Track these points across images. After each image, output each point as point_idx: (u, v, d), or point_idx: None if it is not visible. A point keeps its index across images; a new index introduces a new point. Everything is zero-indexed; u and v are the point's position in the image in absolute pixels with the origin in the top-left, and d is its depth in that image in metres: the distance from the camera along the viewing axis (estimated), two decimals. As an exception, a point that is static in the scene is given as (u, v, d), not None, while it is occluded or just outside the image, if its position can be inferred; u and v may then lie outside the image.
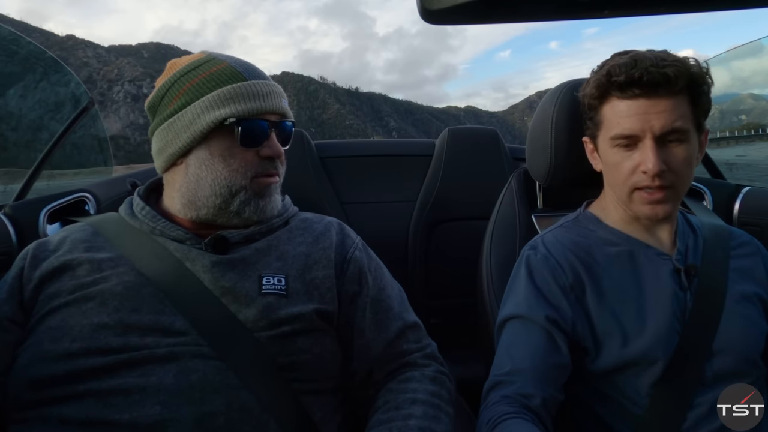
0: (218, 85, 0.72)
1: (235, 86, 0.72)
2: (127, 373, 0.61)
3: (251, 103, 0.72)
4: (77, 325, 0.63)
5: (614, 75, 0.72)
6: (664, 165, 0.70)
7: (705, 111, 0.73)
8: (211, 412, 0.60)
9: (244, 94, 0.72)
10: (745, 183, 1.28)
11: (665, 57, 0.70)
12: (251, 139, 0.73)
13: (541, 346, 0.72)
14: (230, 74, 0.73)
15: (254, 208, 0.75)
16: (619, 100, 0.73)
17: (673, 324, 0.72)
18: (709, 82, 0.73)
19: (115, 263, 0.69)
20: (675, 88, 0.69)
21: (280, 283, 0.71)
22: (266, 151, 0.74)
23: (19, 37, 1.45)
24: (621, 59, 0.72)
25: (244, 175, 0.73)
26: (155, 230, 0.73)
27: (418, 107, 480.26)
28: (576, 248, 0.80)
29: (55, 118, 1.51)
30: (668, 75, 0.68)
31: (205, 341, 0.64)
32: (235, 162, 0.72)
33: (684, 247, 0.79)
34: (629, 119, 0.71)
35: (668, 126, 0.70)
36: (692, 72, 0.70)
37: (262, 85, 0.74)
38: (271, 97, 0.74)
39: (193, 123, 0.71)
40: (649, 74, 0.69)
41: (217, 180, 0.72)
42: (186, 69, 0.75)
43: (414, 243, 1.65)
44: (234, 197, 0.73)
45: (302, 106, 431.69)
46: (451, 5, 0.34)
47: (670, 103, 0.70)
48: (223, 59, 0.76)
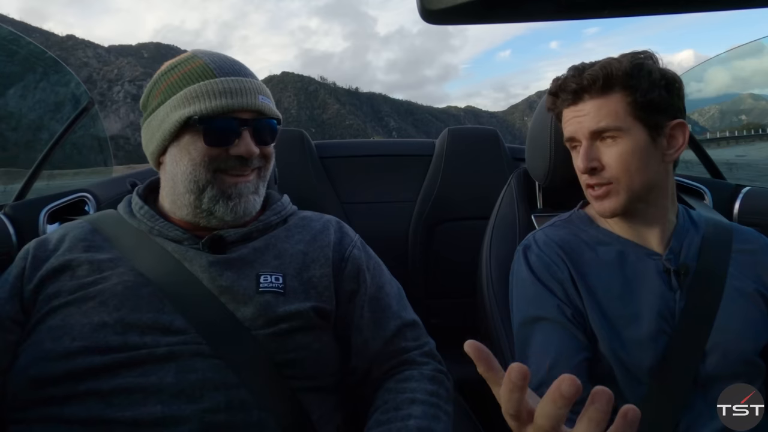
0: (188, 83, 0.71)
1: (202, 84, 0.70)
2: (128, 372, 0.61)
3: (217, 101, 0.69)
4: (77, 325, 0.63)
5: (550, 88, 0.81)
6: (595, 162, 0.75)
7: (642, 105, 0.73)
8: (212, 410, 0.61)
9: (211, 92, 0.70)
10: (745, 183, 1.28)
11: (594, 63, 0.76)
12: (216, 138, 0.70)
13: (569, 347, 0.72)
14: (201, 72, 0.72)
15: (224, 208, 0.72)
16: (564, 110, 0.80)
17: (660, 325, 0.72)
18: (641, 75, 0.73)
19: (115, 263, 0.69)
20: (594, 91, 0.74)
21: (278, 281, 0.71)
22: (235, 150, 0.71)
23: (19, 37, 1.45)
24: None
25: (207, 168, 0.71)
26: (153, 230, 0.73)
27: (418, 107, 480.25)
28: (566, 246, 0.80)
29: (55, 118, 1.51)
30: (583, 81, 0.74)
31: (204, 340, 0.64)
32: (199, 156, 0.71)
33: (679, 246, 0.79)
34: (567, 124, 0.79)
35: (594, 126, 0.74)
36: (612, 72, 0.73)
37: (232, 82, 0.71)
38: (241, 95, 0.71)
39: (164, 121, 0.72)
40: (569, 82, 0.76)
41: (185, 174, 0.71)
42: (169, 67, 0.75)
43: (414, 243, 1.65)
44: (202, 193, 0.71)
45: (302, 106, 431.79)
46: (451, 5, 0.34)
47: (594, 104, 0.75)
48: (201, 57, 0.74)
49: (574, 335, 0.73)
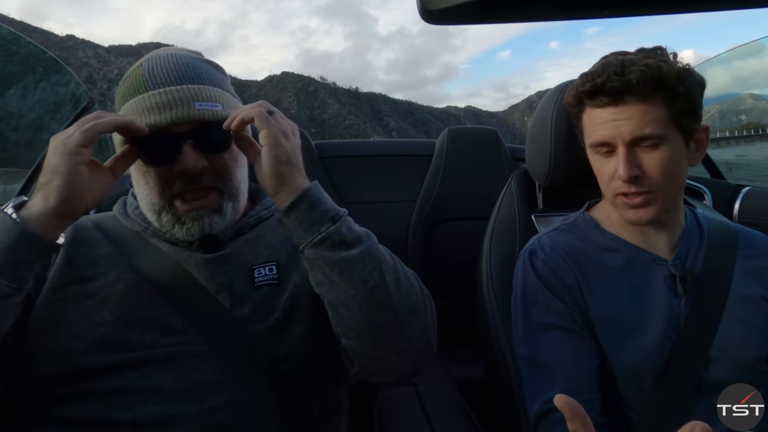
0: (125, 101, 0.68)
1: (134, 101, 0.66)
2: (128, 373, 0.61)
3: (147, 118, 0.64)
4: (78, 322, 0.63)
5: (582, 85, 0.72)
6: (637, 170, 0.70)
7: (687, 112, 0.70)
8: (212, 410, 0.61)
9: (141, 109, 0.65)
10: (745, 183, 1.28)
11: (636, 60, 0.68)
12: (153, 158, 0.66)
13: (580, 354, 0.71)
14: (136, 86, 0.67)
15: (180, 231, 0.69)
16: (592, 109, 0.73)
17: (666, 332, 0.71)
18: (689, 82, 0.69)
19: (113, 260, 0.69)
20: (641, 94, 0.68)
21: (272, 272, 0.71)
22: (179, 167, 0.66)
23: (19, 37, 1.45)
24: (594, 67, 0.72)
25: (161, 195, 0.67)
26: (148, 230, 0.73)
27: (418, 107, 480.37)
28: (573, 252, 0.79)
29: (55, 118, 1.51)
30: (630, 82, 0.67)
31: (203, 340, 0.64)
32: (152, 179, 0.67)
33: (686, 252, 0.77)
34: (601, 127, 0.72)
35: (637, 132, 0.69)
36: (662, 74, 0.67)
37: (163, 94, 0.65)
38: (173, 107, 0.64)
39: (113, 141, 0.71)
40: (611, 82, 0.68)
41: (143, 198, 0.70)
42: (122, 78, 0.73)
43: (414, 243, 1.65)
44: (160, 216, 0.69)
45: (302, 106, 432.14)
46: (451, 5, 0.34)
47: (638, 108, 0.68)
48: (141, 65, 0.70)
49: (586, 342, 0.72)
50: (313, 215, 0.61)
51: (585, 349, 0.72)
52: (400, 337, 0.64)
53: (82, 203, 0.58)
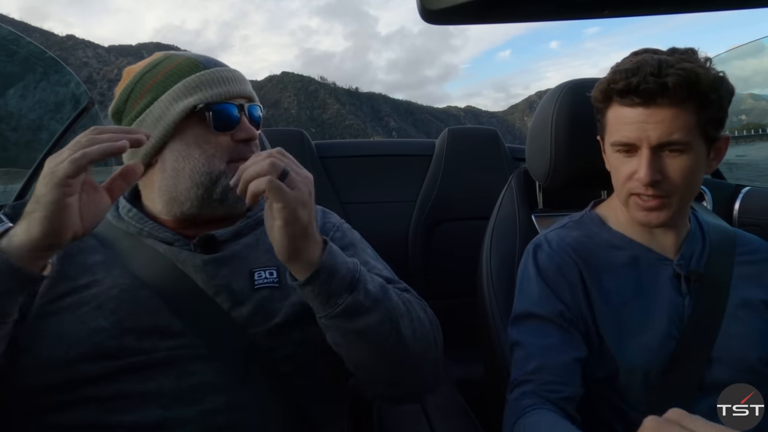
0: (182, 77, 0.71)
1: (199, 74, 0.71)
2: (127, 379, 0.60)
3: (218, 89, 0.71)
4: (74, 331, 0.61)
5: (614, 82, 0.70)
6: (658, 175, 0.69)
7: (715, 121, 0.69)
8: (213, 411, 0.60)
9: (210, 81, 0.71)
10: (745, 183, 1.28)
11: (673, 63, 0.66)
12: (224, 123, 0.71)
13: (561, 342, 0.72)
14: (191, 65, 0.73)
15: (231, 201, 0.72)
16: (621, 107, 0.71)
17: (670, 330, 0.72)
18: (722, 91, 0.68)
19: (108, 266, 0.68)
20: (676, 98, 0.66)
21: (272, 276, 0.71)
22: (240, 135, 0.72)
23: (19, 37, 1.45)
24: (627, 63, 0.70)
25: (221, 159, 0.71)
26: (143, 232, 0.71)
27: (418, 107, 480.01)
28: (579, 248, 0.79)
29: (55, 118, 1.51)
30: (667, 85, 0.65)
31: (202, 342, 0.64)
32: (211, 148, 0.70)
33: (690, 252, 0.78)
34: (627, 127, 0.70)
35: (665, 137, 0.68)
36: (699, 80, 0.65)
37: (224, 71, 0.73)
38: (235, 82, 0.73)
39: (162, 116, 0.70)
40: (647, 83, 0.66)
41: (195, 168, 0.70)
42: (146, 69, 0.74)
43: (414, 243, 1.65)
44: (215, 184, 0.70)
45: (302, 106, 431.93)
46: (451, 5, 0.34)
47: (669, 113, 0.67)
48: (179, 55, 0.75)
49: (570, 334, 0.73)
50: (330, 287, 0.60)
51: (565, 338, 0.72)
52: (416, 377, 0.68)
53: (68, 234, 0.55)
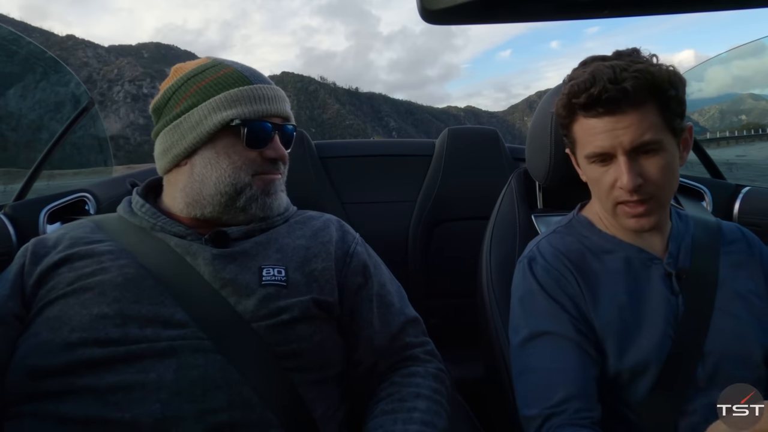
0: (225, 88, 0.75)
1: (242, 89, 0.75)
2: (126, 368, 0.60)
3: (257, 106, 0.74)
4: (76, 315, 0.63)
5: (574, 96, 0.71)
6: (639, 179, 0.69)
7: (678, 113, 0.71)
8: (213, 409, 0.60)
9: (250, 97, 0.74)
10: (745, 183, 1.28)
11: (626, 67, 0.67)
12: (256, 140, 0.75)
13: (579, 363, 0.71)
14: (237, 78, 0.76)
15: (261, 204, 0.76)
16: (586, 119, 0.72)
17: (666, 330, 0.72)
18: (678, 84, 0.70)
19: (116, 256, 0.70)
20: (638, 100, 0.67)
21: (280, 274, 0.72)
22: (270, 153, 0.77)
23: (19, 37, 1.45)
24: (581, 76, 0.70)
25: (247, 172, 0.75)
26: (155, 226, 0.74)
27: (418, 107, 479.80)
28: (571, 255, 0.79)
29: (55, 118, 1.51)
30: (627, 90, 0.66)
31: (204, 334, 0.64)
32: (240, 160, 0.75)
33: (676, 250, 0.78)
34: (598, 137, 0.70)
35: (637, 140, 0.68)
36: (655, 80, 0.67)
37: (267, 89, 0.77)
38: (275, 101, 0.77)
39: (200, 124, 0.73)
40: (607, 92, 0.67)
41: (221, 178, 0.74)
42: (193, 72, 0.77)
43: (414, 243, 1.65)
44: (239, 194, 0.75)
45: (302, 106, 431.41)
46: (451, 5, 0.34)
47: (635, 116, 0.68)
48: (229, 64, 0.79)
49: (585, 351, 0.72)
50: None
51: (583, 358, 0.71)
52: None
53: None
